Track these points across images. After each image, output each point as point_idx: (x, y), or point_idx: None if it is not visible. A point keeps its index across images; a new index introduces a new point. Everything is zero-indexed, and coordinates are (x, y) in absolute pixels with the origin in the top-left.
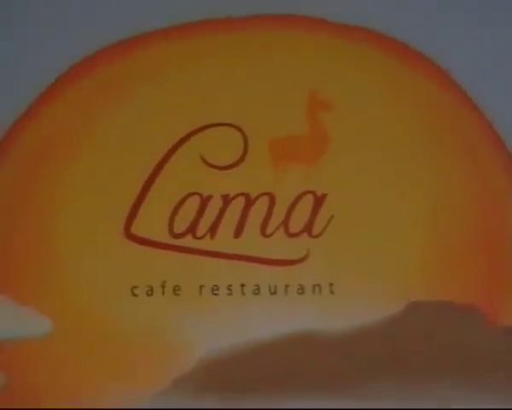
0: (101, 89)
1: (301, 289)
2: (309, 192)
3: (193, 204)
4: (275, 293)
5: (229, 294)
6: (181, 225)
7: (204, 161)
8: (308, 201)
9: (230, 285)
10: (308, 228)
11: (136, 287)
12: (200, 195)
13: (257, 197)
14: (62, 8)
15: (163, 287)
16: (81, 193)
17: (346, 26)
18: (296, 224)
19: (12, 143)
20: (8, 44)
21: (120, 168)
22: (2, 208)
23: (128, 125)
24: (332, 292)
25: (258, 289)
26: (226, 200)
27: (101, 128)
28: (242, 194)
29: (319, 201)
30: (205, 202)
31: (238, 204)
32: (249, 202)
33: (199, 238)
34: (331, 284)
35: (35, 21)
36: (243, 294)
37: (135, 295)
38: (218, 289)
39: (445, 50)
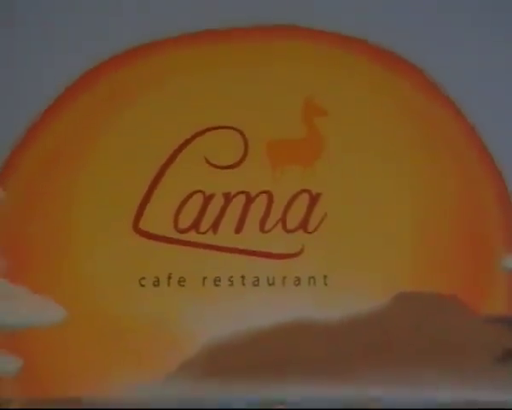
0: (108, 96)
1: (297, 281)
2: (305, 191)
3: (196, 202)
4: (273, 284)
5: (230, 285)
6: (185, 221)
7: (207, 161)
8: (304, 199)
9: (231, 277)
10: (304, 224)
11: (143, 278)
12: (203, 193)
13: (256, 195)
14: (63, 25)
15: (169, 278)
16: (93, 192)
17: (347, 37)
18: (293, 220)
19: (29, 147)
20: (10, 57)
21: (129, 169)
22: (20, 207)
23: (136, 129)
24: (326, 284)
25: (258, 280)
26: (227, 198)
27: (111, 132)
28: (243, 192)
29: (314, 199)
30: (207, 199)
31: (239, 202)
32: (249, 200)
33: (202, 233)
34: (325, 277)
35: (39, 33)
36: (243, 285)
37: (142, 286)
38: (219, 281)
39: (440, 63)
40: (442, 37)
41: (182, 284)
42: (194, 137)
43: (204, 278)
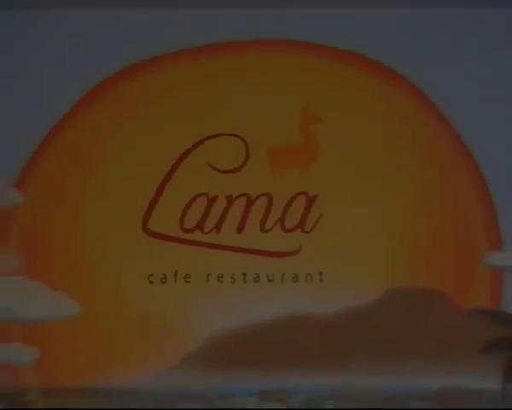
0: (120, 106)
1: (295, 278)
2: (302, 193)
3: (201, 204)
4: (272, 281)
5: (232, 281)
6: (191, 221)
7: (210, 166)
8: (301, 201)
9: (234, 274)
10: (301, 224)
11: (152, 275)
12: (207, 195)
13: (257, 198)
14: (68, 45)
15: (175, 275)
16: (105, 196)
17: (347, 52)
18: (291, 221)
19: (45, 155)
20: (20, 73)
21: (138, 173)
22: (38, 210)
23: (144, 138)
24: (321, 280)
25: (258, 277)
26: (230, 200)
27: (122, 139)
28: (244, 195)
29: (311, 201)
30: (211, 201)
31: (240, 203)
32: (250, 202)
33: (206, 233)
34: (321, 273)
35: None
36: (245, 281)
37: (151, 283)
38: (222, 278)
39: (437, 80)
40: (436, 53)
41: (187, 280)
42: (198, 144)
43: (208, 275)
